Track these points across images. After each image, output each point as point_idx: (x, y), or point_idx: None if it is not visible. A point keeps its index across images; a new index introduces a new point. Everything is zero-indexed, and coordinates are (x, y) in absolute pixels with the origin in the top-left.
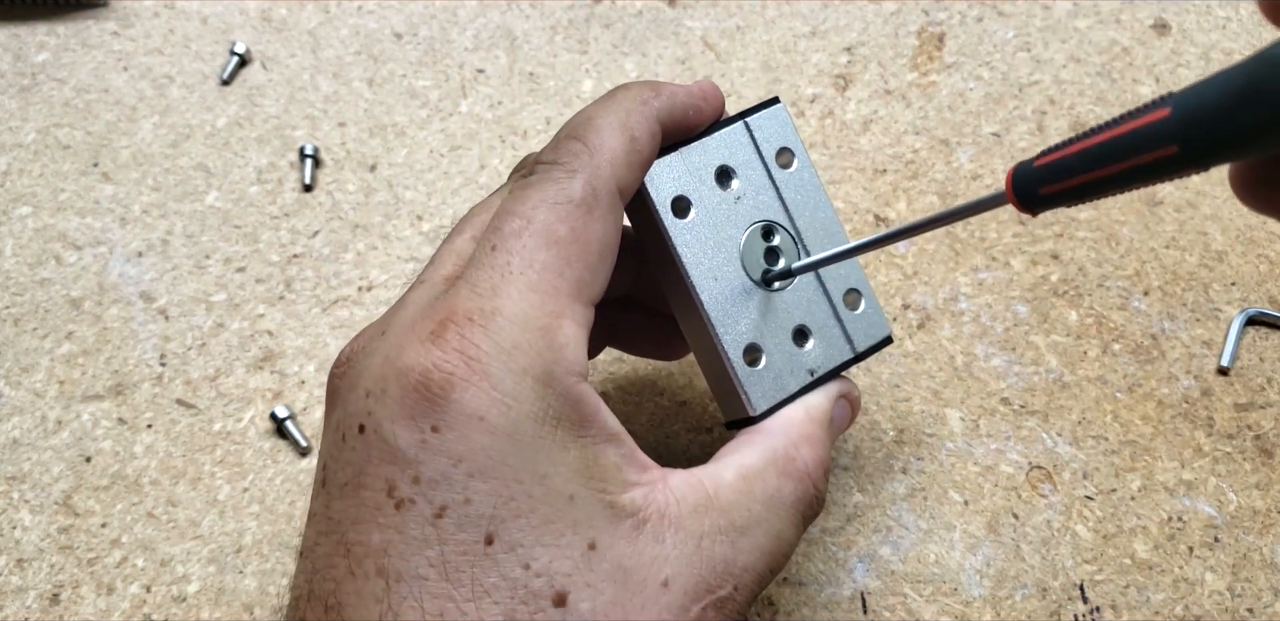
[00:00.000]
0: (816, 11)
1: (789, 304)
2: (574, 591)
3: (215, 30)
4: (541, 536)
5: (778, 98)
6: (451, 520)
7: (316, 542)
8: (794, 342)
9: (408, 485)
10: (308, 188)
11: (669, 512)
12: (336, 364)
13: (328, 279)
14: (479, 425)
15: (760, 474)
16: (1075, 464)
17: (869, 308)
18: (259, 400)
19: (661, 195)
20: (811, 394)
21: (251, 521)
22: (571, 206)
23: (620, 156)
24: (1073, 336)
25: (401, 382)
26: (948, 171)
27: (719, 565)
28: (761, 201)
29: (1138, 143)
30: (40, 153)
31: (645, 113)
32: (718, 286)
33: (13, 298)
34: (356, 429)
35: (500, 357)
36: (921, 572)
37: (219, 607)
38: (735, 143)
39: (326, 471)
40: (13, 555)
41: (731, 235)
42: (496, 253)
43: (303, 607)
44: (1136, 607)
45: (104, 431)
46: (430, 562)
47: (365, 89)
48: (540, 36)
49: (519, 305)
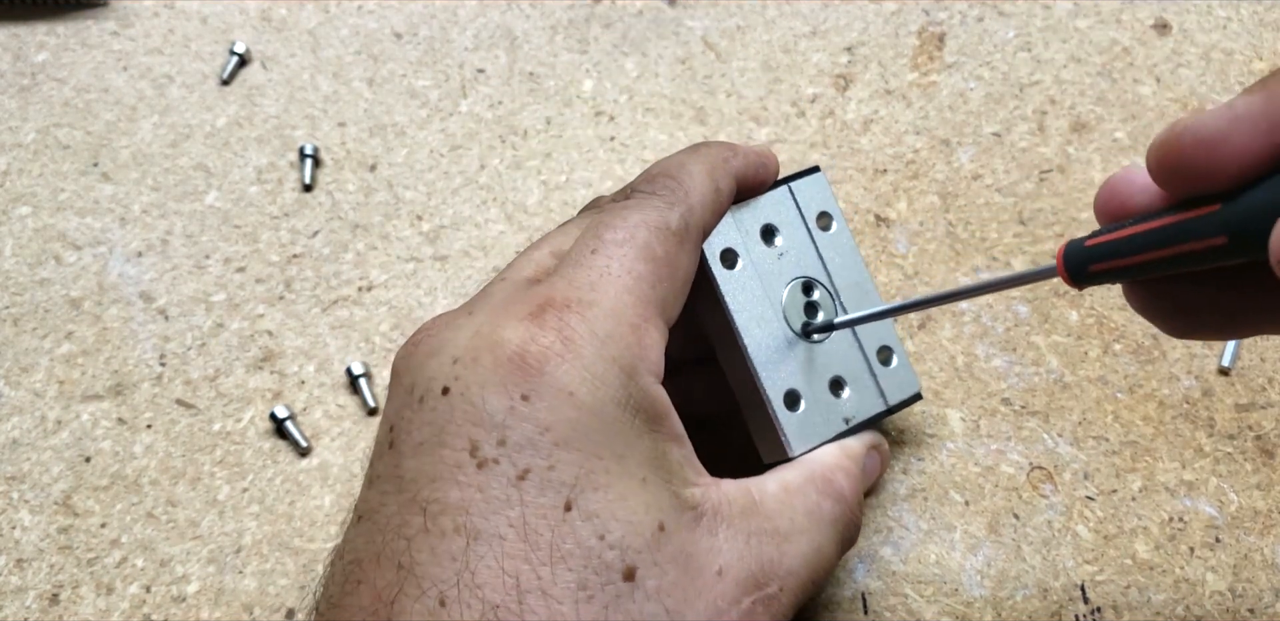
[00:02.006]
0: (817, 11)
1: (827, 355)
2: (642, 568)
3: (215, 30)
4: (617, 511)
5: (818, 166)
6: (534, 483)
7: (382, 503)
8: (831, 392)
9: (492, 447)
10: (308, 188)
11: (722, 511)
12: (413, 336)
13: (327, 279)
14: (568, 399)
15: (801, 489)
16: (1076, 464)
17: (900, 364)
18: (259, 400)
19: (713, 247)
20: (849, 439)
21: (251, 521)
22: (669, 232)
23: (708, 202)
24: (1073, 337)
25: (495, 353)
26: (948, 171)
27: (766, 564)
28: (802, 259)
29: (1188, 231)
30: (40, 152)
31: (728, 168)
32: (761, 333)
33: (13, 298)
34: (440, 391)
35: (594, 343)
36: (922, 573)
37: (218, 607)
38: (780, 204)
39: (396, 432)
40: (12, 555)
41: (774, 288)
42: (597, 255)
43: (368, 570)
44: (1137, 608)
45: (104, 431)
46: (510, 522)
47: (365, 89)
48: (540, 36)
49: (615, 302)
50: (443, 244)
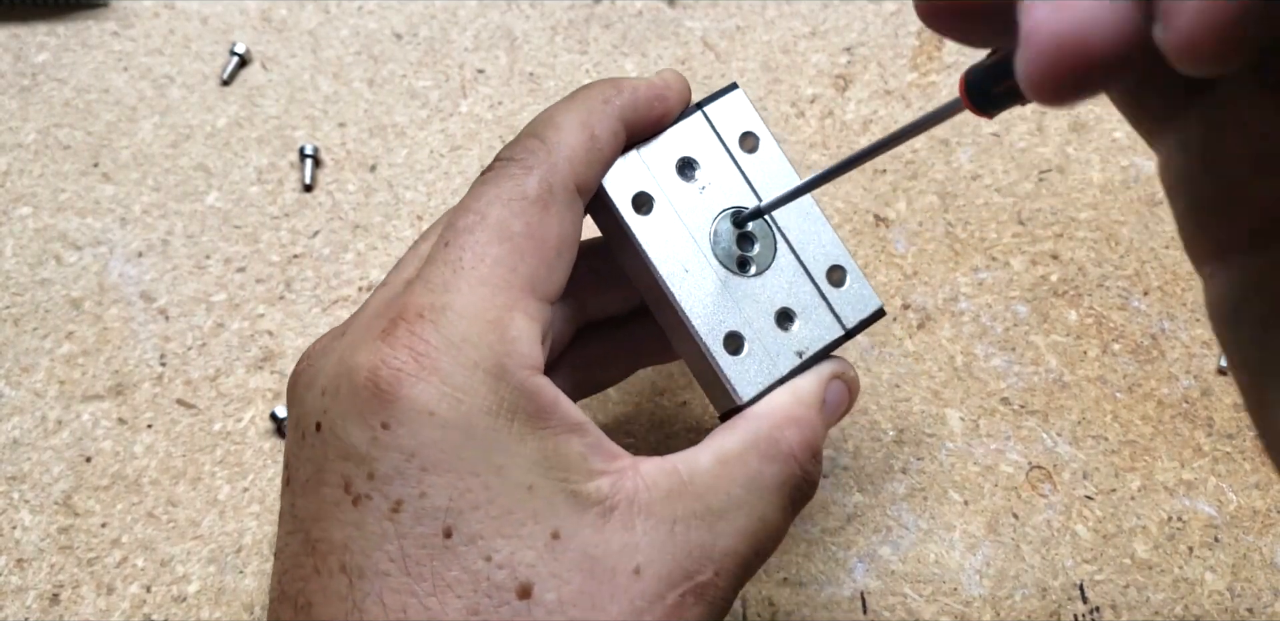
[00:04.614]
0: (816, 11)
1: (769, 288)
2: (539, 582)
3: (215, 30)
4: (501, 527)
5: (735, 83)
6: (408, 514)
7: (285, 542)
8: (778, 326)
9: (363, 481)
10: (308, 188)
11: (639, 499)
12: (297, 365)
13: (328, 279)
14: (429, 420)
15: (740, 457)
16: (1075, 464)
17: (855, 283)
18: (259, 400)
19: (620, 193)
20: (801, 376)
21: (251, 521)
22: (526, 203)
23: (580, 154)
24: (1072, 336)
25: (352, 380)
26: (947, 171)
27: (695, 550)
28: (729, 189)
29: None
30: (40, 153)
31: (607, 111)
32: (689, 278)
33: (13, 298)
34: (314, 427)
35: (450, 352)
36: (921, 572)
37: (219, 607)
38: (694, 133)
39: (290, 470)
40: (13, 555)
41: (700, 225)
42: (449, 248)
43: (277, 610)
44: (1136, 607)
45: (104, 431)
46: (390, 557)
47: (365, 89)
48: (540, 36)
49: (469, 299)
50: None
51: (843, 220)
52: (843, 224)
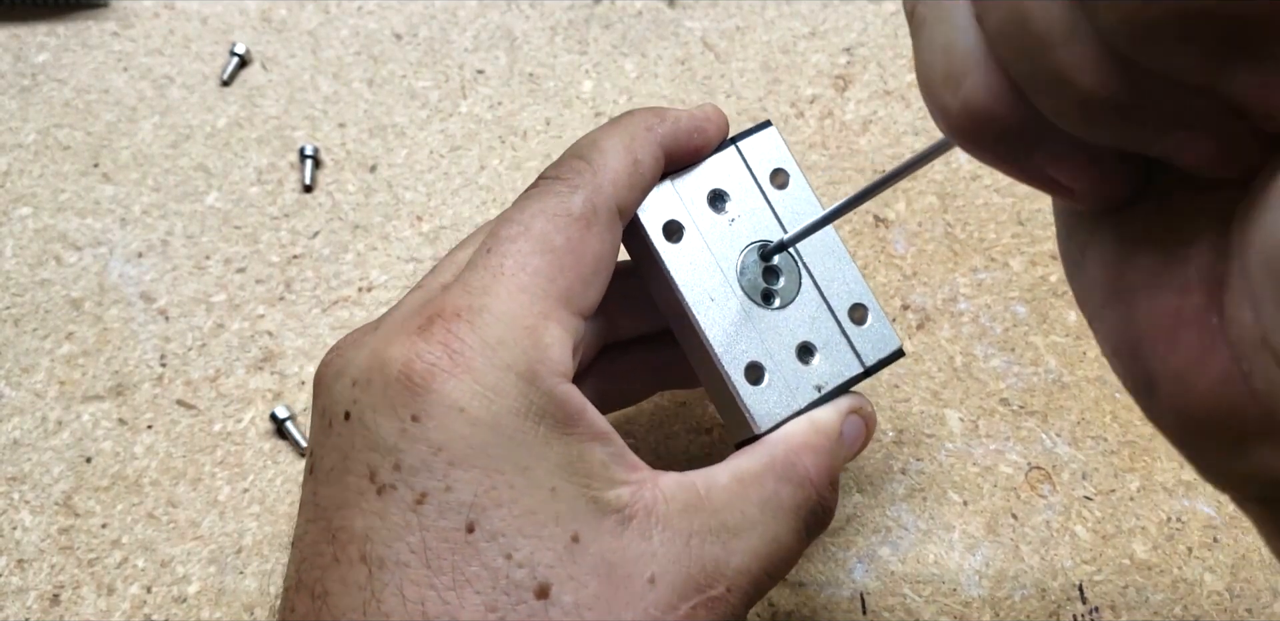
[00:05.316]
0: (816, 12)
1: (792, 321)
2: (557, 583)
3: (215, 30)
4: (523, 526)
5: (769, 121)
6: (432, 506)
7: (305, 530)
8: (799, 360)
9: (389, 471)
10: (308, 188)
11: (656, 510)
12: (326, 356)
13: (328, 279)
14: (459, 416)
15: (757, 477)
16: (1074, 464)
17: (877, 322)
18: (259, 401)
19: (652, 220)
20: (819, 409)
21: (252, 522)
22: (570, 219)
23: (623, 178)
24: (1072, 337)
25: (385, 372)
26: (947, 172)
27: (709, 565)
28: (757, 223)
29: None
30: (40, 153)
31: (650, 138)
32: (714, 307)
33: (13, 298)
34: (342, 416)
35: (484, 352)
36: (921, 573)
37: (219, 608)
38: (727, 167)
39: (314, 458)
40: (13, 555)
41: (728, 256)
42: (491, 255)
43: (292, 598)
44: (1135, 608)
45: (104, 432)
46: (412, 549)
47: (365, 89)
48: (540, 37)
49: (507, 304)
50: (443, 245)
51: (843, 220)
52: (842, 224)
